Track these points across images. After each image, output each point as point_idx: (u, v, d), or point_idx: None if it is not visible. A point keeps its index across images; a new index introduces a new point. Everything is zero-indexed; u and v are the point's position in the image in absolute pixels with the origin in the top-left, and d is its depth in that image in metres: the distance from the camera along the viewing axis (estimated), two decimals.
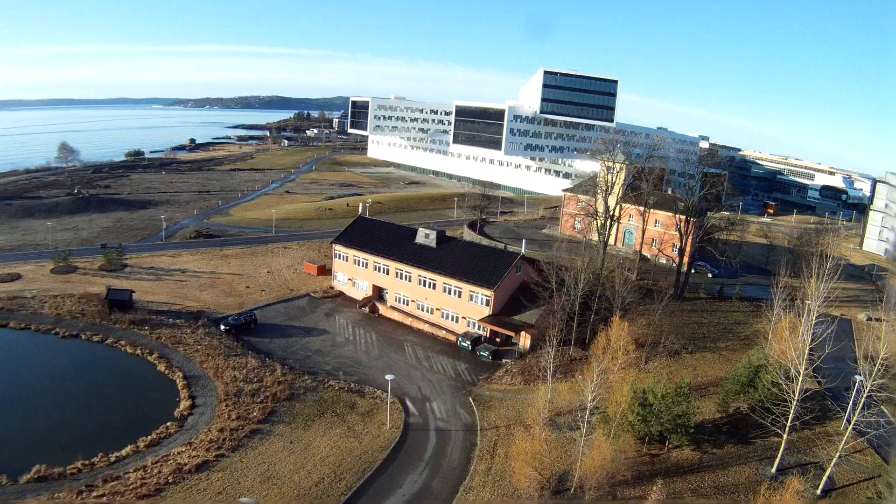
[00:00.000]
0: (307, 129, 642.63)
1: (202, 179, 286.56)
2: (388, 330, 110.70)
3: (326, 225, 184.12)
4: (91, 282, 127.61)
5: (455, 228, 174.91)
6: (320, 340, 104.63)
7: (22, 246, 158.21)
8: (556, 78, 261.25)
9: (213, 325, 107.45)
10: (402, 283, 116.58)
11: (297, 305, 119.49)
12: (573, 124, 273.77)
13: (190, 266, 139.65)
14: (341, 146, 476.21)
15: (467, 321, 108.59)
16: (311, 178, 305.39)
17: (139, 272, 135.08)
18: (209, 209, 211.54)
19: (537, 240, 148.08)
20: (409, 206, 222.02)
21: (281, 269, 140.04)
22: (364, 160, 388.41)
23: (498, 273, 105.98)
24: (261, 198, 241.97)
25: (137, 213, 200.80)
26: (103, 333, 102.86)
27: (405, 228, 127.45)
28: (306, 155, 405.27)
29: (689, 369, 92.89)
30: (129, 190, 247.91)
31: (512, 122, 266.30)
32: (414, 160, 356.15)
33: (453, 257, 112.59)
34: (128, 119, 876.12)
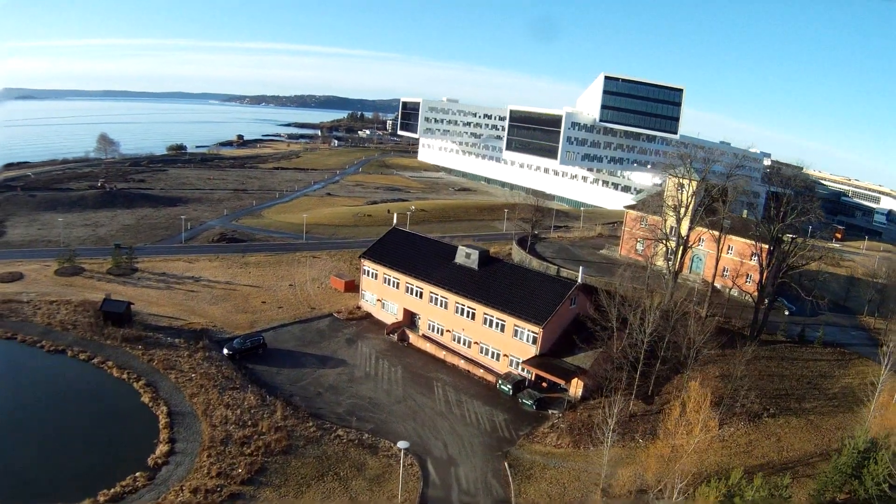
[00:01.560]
0: (359, 129, 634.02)
1: (241, 177, 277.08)
2: (416, 364, 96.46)
3: (363, 233, 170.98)
4: (95, 287, 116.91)
5: (503, 243, 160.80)
6: (336, 374, 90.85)
7: (34, 241, 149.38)
8: (618, 84, 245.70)
9: (216, 347, 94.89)
10: (437, 309, 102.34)
11: (316, 328, 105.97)
12: (634, 134, 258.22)
13: (205, 274, 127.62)
14: (392, 149, 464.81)
15: (510, 360, 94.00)
16: (356, 181, 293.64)
17: (149, 278, 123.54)
18: (241, 209, 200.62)
19: (594, 262, 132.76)
20: (455, 216, 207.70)
21: (305, 282, 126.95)
22: (414, 164, 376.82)
23: (549, 306, 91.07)
24: (299, 199, 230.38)
25: (164, 210, 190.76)
26: (91, 350, 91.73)
27: (444, 245, 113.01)
28: (354, 156, 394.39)
29: (772, 440, 77.07)
30: (163, 185, 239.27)
31: (569, 130, 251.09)
32: (465, 166, 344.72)
33: (497, 283, 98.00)
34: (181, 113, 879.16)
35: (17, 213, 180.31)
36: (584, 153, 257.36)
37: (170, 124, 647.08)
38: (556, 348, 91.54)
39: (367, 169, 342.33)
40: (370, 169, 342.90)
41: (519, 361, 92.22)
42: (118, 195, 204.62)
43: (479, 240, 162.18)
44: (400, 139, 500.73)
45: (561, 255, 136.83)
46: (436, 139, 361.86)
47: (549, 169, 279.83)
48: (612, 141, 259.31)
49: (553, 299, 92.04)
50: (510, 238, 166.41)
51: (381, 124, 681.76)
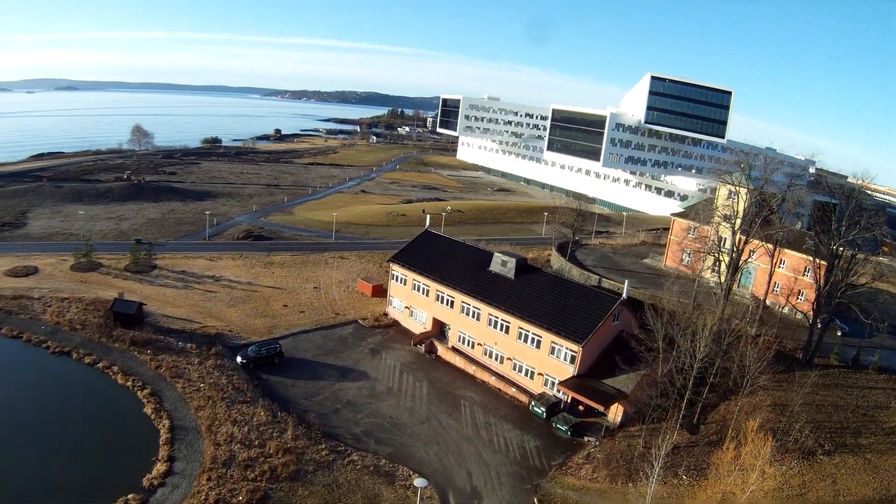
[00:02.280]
0: (399, 126, 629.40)
1: (275, 172, 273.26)
2: (444, 379, 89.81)
3: (395, 234, 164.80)
4: (110, 284, 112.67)
5: (541, 248, 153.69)
6: (357, 388, 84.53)
7: (54, 234, 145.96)
8: (665, 85, 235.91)
9: (230, 354, 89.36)
10: (469, 320, 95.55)
11: (338, 335, 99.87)
12: (679, 138, 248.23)
13: (226, 273, 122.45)
14: (431, 146, 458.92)
15: (544, 379, 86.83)
16: (392, 178, 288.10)
17: (167, 276, 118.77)
18: (271, 206, 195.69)
19: (637, 272, 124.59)
20: (493, 218, 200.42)
21: (331, 284, 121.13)
22: (452, 162, 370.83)
23: (590, 322, 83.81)
24: (332, 196, 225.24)
25: (192, 204, 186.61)
26: (98, 353, 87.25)
27: (479, 251, 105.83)
28: (392, 153, 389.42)
29: (827, 482, 68.42)
30: (194, 179, 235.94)
31: (613, 131, 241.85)
32: (504, 165, 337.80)
33: (535, 294, 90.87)
34: (221, 106, 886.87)
35: (42, 204, 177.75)
36: (627, 155, 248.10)
37: (209, 117, 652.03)
38: (596, 368, 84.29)
39: (405, 166, 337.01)
40: (408, 166, 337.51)
41: (554, 381, 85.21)
42: (146, 188, 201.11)
43: (517, 244, 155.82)
44: (439, 137, 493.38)
45: (602, 264, 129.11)
46: (476, 138, 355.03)
47: (591, 171, 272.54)
48: (656, 144, 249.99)
49: (595, 315, 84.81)
50: (549, 243, 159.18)
51: (421, 122, 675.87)
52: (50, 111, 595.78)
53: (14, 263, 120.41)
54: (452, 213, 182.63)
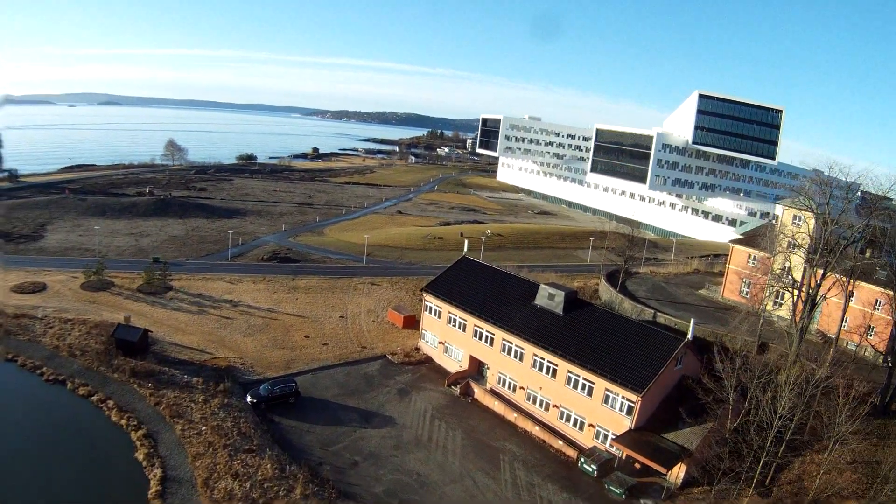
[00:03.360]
0: (438, 147, 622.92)
1: (310, 190, 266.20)
2: (481, 428, 79.24)
3: (432, 258, 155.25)
4: (119, 306, 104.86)
5: (587, 277, 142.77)
6: (380, 436, 74.41)
7: (69, 249, 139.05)
8: (713, 103, 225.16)
9: (240, 392, 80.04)
10: (511, 360, 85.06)
11: (364, 372, 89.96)
12: (727, 159, 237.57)
13: (246, 298, 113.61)
14: (470, 167, 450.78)
15: (596, 431, 76.08)
16: (430, 199, 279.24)
17: (181, 300, 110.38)
18: (302, 225, 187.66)
19: (694, 305, 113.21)
20: (535, 243, 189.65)
21: (359, 313, 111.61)
22: (492, 184, 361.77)
23: (650, 367, 73.08)
24: (367, 217, 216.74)
25: (219, 222, 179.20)
26: (94, 384, 79.07)
27: (522, 282, 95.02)
28: (431, 173, 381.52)
29: None
30: (224, 195, 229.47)
31: (660, 152, 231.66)
32: (546, 188, 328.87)
33: (586, 333, 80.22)
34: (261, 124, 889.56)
35: (63, 216, 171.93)
36: (674, 178, 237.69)
37: (248, 135, 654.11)
38: (655, 420, 73.59)
39: (444, 187, 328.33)
40: (446, 187, 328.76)
41: (607, 434, 74.53)
42: (172, 203, 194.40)
43: (561, 272, 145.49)
44: (479, 158, 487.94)
45: (656, 296, 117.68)
46: (516, 159, 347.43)
47: (635, 194, 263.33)
48: (704, 165, 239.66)
49: (656, 359, 74.00)
50: (595, 271, 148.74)
51: (460, 143, 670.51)
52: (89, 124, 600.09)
53: (23, 279, 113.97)
54: (492, 237, 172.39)
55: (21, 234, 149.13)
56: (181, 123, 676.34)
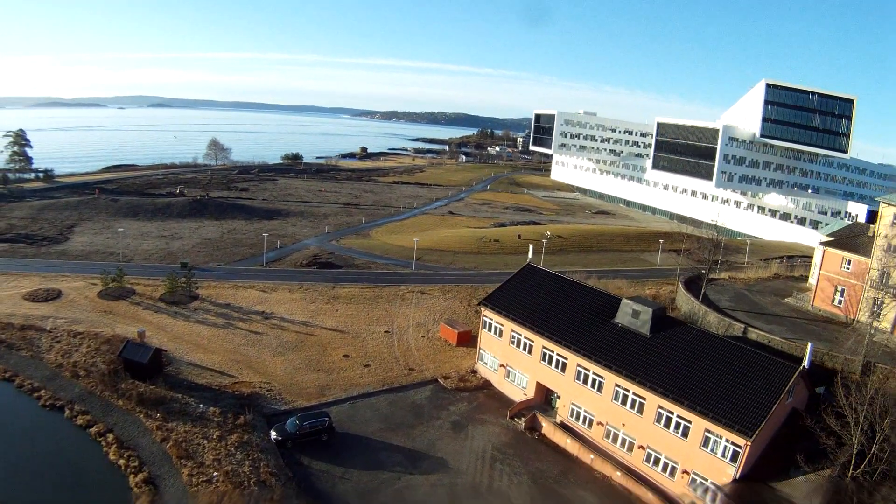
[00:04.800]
0: (489, 146, 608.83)
1: (356, 190, 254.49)
2: (551, 472, 65.48)
3: (487, 263, 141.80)
4: (137, 317, 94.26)
5: (658, 283, 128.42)
6: (430, 484, 61.27)
7: (93, 253, 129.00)
8: (781, 93, 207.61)
9: (263, 425, 67.72)
10: (586, 390, 71.10)
11: (411, 401, 76.88)
12: (794, 153, 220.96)
13: (279, 309, 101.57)
14: (523, 166, 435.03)
15: (691, 478, 61.88)
16: (482, 199, 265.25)
17: (207, 310, 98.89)
18: (347, 227, 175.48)
19: (782, 316, 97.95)
20: (599, 245, 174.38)
21: (406, 328, 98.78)
22: (546, 182, 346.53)
23: (761, 402, 58.91)
24: (416, 218, 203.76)
25: (258, 224, 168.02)
26: (95, 412, 68.17)
27: (599, 295, 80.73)
28: (482, 172, 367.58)
29: None
30: (266, 196, 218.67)
31: (726, 146, 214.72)
32: (602, 186, 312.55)
33: (679, 359, 66.15)
34: (310, 125, 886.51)
35: (93, 218, 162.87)
36: (741, 174, 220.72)
37: (296, 135, 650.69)
38: (763, 466, 59.68)
39: (496, 186, 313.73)
40: (499, 187, 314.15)
41: (705, 483, 60.49)
42: (209, 204, 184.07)
43: (629, 277, 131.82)
44: (531, 157, 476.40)
45: (741, 306, 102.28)
46: (571, 156, 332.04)
47: (697, 192, 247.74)
48: (771, 160, 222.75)
49: (767, 392, 59.68)
50: (667, 276, 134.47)
51: (511, 142, 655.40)
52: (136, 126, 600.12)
53: (38, 285, 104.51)
54: (553, 239, 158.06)
55: (45, 237, 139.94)
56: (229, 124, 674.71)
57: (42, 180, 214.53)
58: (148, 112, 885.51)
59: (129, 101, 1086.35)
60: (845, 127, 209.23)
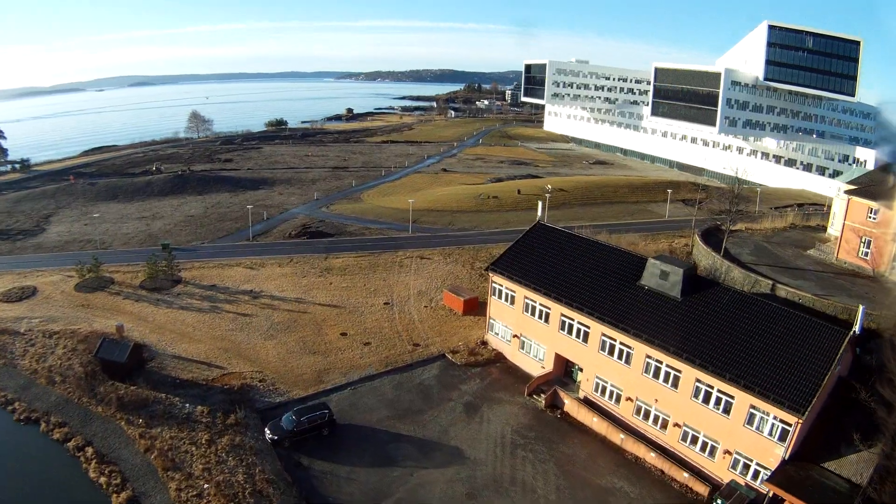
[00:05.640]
0: (477, 100, 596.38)
1: (344, 153, 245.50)
2: (578, 457, 58.90)
3: (488, 221, 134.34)
4: (117, 308, 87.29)
5: (670, 236, 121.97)
6: (447, 480, 54.61)
7: (70, 242, 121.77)
8: (784, 35, 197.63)
9: (257, 422, 61.04)
10: (613, 362, 63.96)
11: (418, 381, 70.05)
12: (799, 98, 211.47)
13: (269, 286, 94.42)
14: (514, 119, 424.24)
15: (733, 459, 55.39)
16: (476, 154, 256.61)
17: (191, 294, 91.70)
18: (336, 192, 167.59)
19: (808, 270, 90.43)
20: (603, 197, 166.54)
21: (407, 298, 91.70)
22: (539, 134, 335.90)
23: (811, 374, 52.19)
24: (409, 177, 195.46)
25: (243, 195, 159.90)
26: (73, 423, 61.48)
27: (620, 254, 72.51)
28: (473, 127, 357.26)
29: None
30: (251, 165, 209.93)
31: (729, 91, 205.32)
32: (597, 135, 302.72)
33: (715, 325, 58.99)
34: (294, 91, 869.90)
35: (71, 205, 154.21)
36: (745, 119, 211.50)
37: (281, 101, 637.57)
38: (813, 444, 53.06)
39: (488, 140, 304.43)
40: (491, 140, 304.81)
41: (749, 464, 54.15)
42: (190, 179, 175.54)
43: (639, 230, 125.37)
44: (521, 109, 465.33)
45: (763, 260, 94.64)
46: (564, 106, 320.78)
47: (698, 138, 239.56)
48: (775, 104, 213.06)
49: (817, 362, 52.88)
50: (678, 228, 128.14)
51: (500, 95, 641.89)
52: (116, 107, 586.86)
53: (12, 283, 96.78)
54: (555, 193, 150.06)
55: (21, 230, 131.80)
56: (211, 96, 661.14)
57: (19, 171, 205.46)
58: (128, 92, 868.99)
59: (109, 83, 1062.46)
60: (852, 69, 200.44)
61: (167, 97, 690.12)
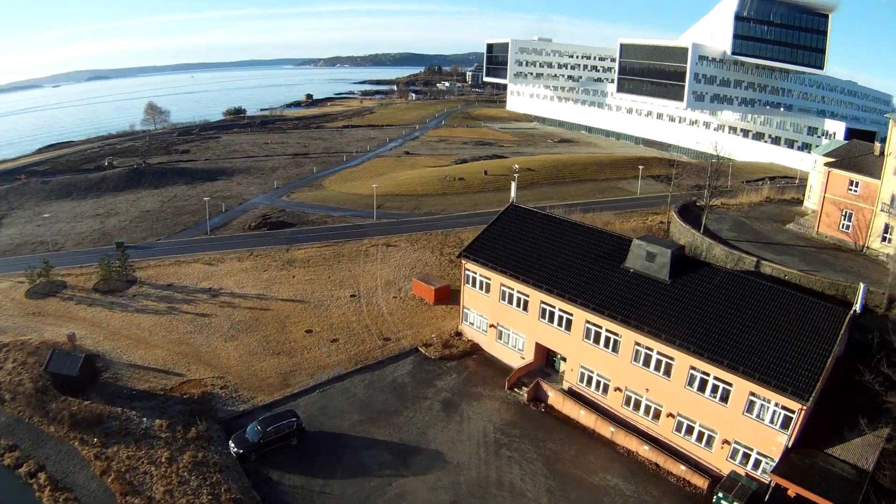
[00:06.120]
0: (438, 82, 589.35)
1: (305, 139, 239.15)
2: (567, 453, 54.88)
3: (455, 204, 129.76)
4: (70, 315, 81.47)
5: (644, 212, 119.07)
6: (428, 488, 50.15)
7: (20, 246, 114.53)
8: (752, 6, 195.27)
9: (221, 434, 56.07)
10: (599, 351, 59.77)
11: (391, 379, 65.44)
12: (766, 71, 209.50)
13: (228, 283, 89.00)
14: (476, 99, 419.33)
15: (732, 449, 51.78)
16: (438, 136, 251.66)
17: (147, 296, 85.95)
18: (297, 179, 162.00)
19: (791, 245, 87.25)
20: (571, 175, 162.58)
21: (374, 288, 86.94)
22: (502, 114, 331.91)
23: (813, 357, 48.74)
24: (371, 162, 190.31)
25: (201, 187, 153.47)
26: (25, 446, 55.87)
27: (602, 236, 68.14)
28: (435, 108, 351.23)
29: None
30: (209, 155, 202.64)
31: (697, 65, 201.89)
32: (561, 114, 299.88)
33: (707, 308, 55.13)
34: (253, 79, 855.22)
35: (24, 205, 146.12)
36: (712, 93, 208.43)
37: (240, 90, 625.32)
38: (814, 429, 49.82)
39: (451, 122, 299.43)
40: (454, 122, 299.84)
41: (749, 453, 50.79)
42: (146, 172, 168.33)
43: (611, 209, 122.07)
44: (483, 90, 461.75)
45: (744, 236, 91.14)
46: (527, 85, 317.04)
47: (664, 114, 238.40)
48: (742, 79, 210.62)
49: (817, 343, 49.65)
50: (650, 205, 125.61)
51: (460, 76, 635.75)
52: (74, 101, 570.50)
53: None
54: (523, 172, 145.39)
55: None
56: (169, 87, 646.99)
57: None
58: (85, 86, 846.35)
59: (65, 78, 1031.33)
60: (821, 42, 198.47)
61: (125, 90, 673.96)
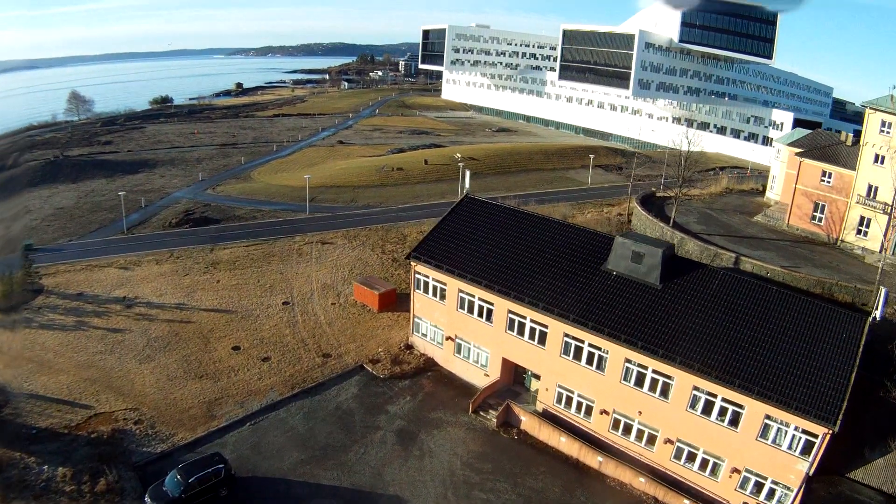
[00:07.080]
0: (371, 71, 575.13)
1: (233, 128, 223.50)
2: (550, 491, 45.22)
3: (394, 196, 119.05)
4: None
5: (598, 203, 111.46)
6: None
7: None
8: None
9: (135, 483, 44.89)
10: (580, 367, 50.09)
11: (334, 406, 54.55)
12: (711, 60, 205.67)
13: (145, 290, 76.48)
14: (410, 88, 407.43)
15: (742, 478, 43.21)
16: (373, 125, 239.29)
17: (54, 308, 72.81)
18: (224, 170, 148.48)
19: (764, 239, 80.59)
20: (517, 165, 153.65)
21: (310, 294, 75.88)
22: (437, 103, 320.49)
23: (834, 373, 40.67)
24: (303, 152, 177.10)
25: (121, 180, 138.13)
26: None
27: (578, 233, 57.72)
28: (368, 97, 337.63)
29: None
30: (132, 147, 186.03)
31: (643, 52, 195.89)
32: (499, 102, 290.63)
33: (709, 317, 46.09)
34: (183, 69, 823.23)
35: None
36: (658, 81, 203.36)
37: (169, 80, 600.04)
38: (833, 452, 41.38)
39: (385, 110, 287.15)
40: (388, 110, 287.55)
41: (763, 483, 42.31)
42: (64, 165, 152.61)
43: (562, 199, 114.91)
44: (416, 79, 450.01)
45: (713, 229, 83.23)
46: (464, 73, 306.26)
47: (605, 103, 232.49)
48: (688, 67, 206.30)
49: (838, 356, 41.48)
50: (603, 196, 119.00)
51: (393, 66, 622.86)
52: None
53: None
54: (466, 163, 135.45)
55: None
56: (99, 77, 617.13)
57: None
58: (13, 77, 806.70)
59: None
60: (769, 32, 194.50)
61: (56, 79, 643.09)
